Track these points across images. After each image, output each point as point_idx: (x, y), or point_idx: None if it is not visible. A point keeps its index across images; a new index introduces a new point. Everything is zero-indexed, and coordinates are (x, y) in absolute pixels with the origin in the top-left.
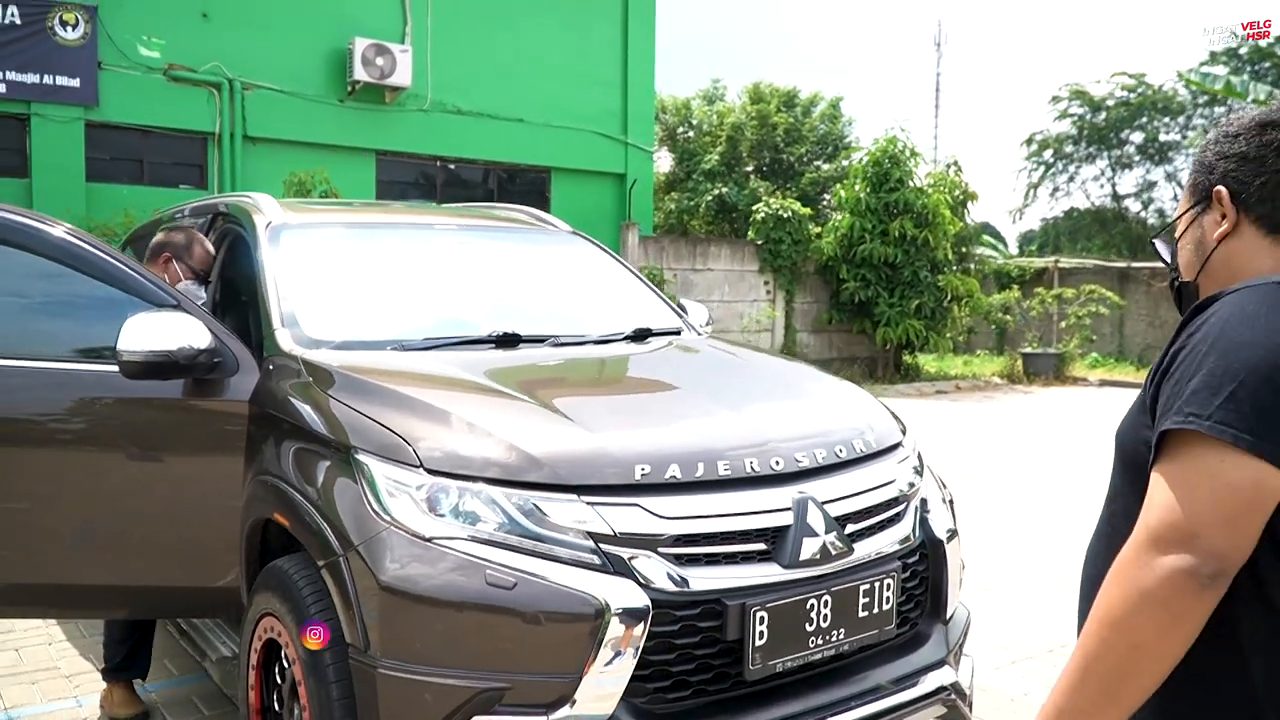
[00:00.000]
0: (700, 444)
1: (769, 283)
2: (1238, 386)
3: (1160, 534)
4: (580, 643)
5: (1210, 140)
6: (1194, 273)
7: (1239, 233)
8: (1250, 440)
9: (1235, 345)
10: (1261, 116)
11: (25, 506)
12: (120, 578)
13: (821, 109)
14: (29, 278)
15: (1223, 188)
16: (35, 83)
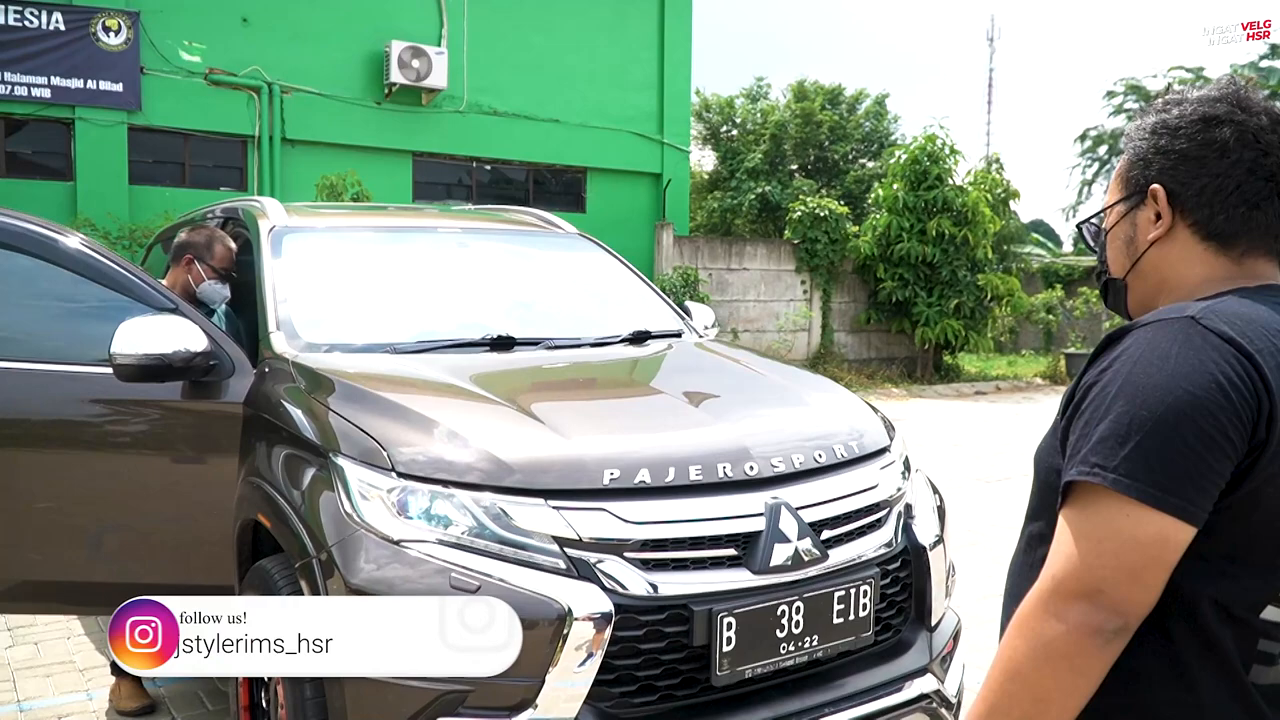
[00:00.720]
0: (673, 449)
1: (805, 282)
2: (1144, 436)
3: (1064, 587)
4: (542, 646)
5: (1148, 129)
6: (1123, 270)
7: (1173, 236)
8: (1155, 495)
9: (1143, 390)
10: (1206, 110)
11: (43, 506)
12: (128, 576)
13: (867, 106)
14: (41, 284)
15: (1159, 187)
16: (79, 88)
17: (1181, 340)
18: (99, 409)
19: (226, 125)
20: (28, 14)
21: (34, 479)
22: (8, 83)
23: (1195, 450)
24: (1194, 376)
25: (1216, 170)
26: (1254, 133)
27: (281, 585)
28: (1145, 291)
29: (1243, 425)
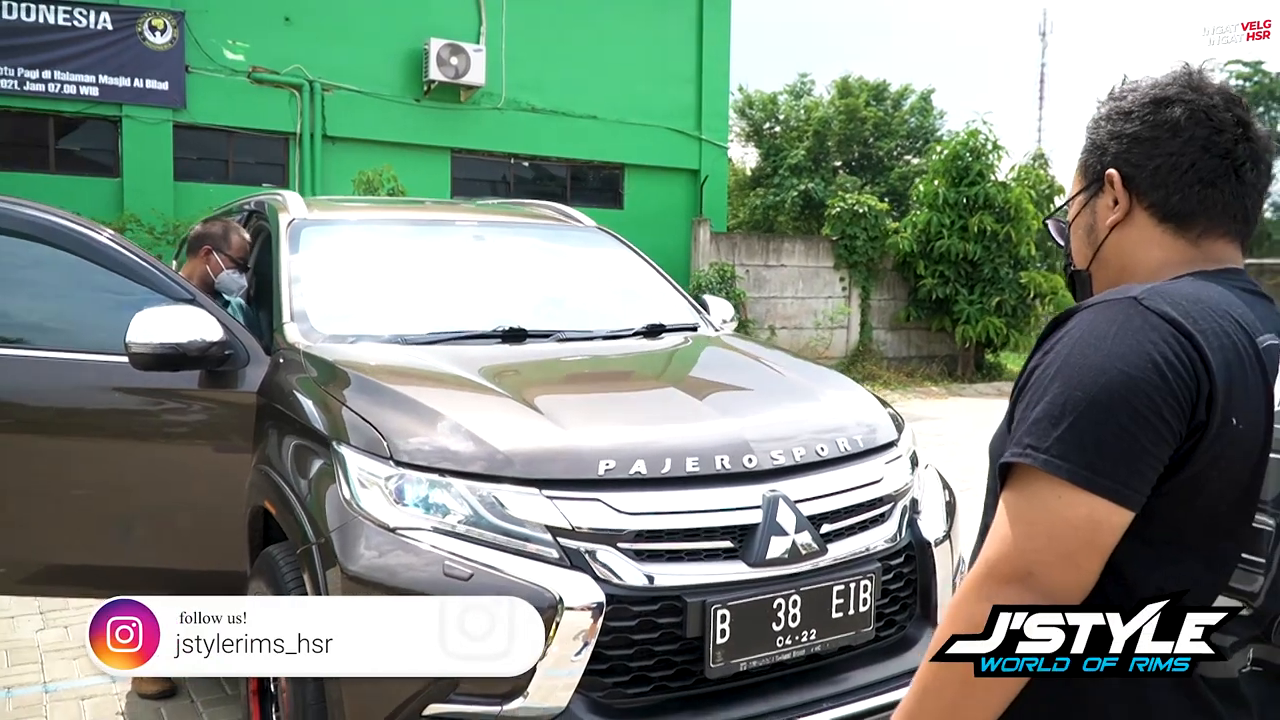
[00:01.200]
0: (670, 440)
1: (844, 279)
2: (1077, 417)
3: (996, 570)
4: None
5: (1102, 116)
6: (1086, 261)
7: (1131, 220)
8: (1086, 476)
9: (1079, 370)
10: (1155, 91)
11: (72, 492)
12: (149, 560)
13: (912, 102)
14: (69, 276)
15: (1114, 171)
16: (126, 86)
17: (1121, 320)
18: (121, 398)
19: (269, 123)
20: (76, 14)
21: (60, 465)
22: (57, 81)
23: (1129, 431)
24: (1130, 356)
25: (1170, 149)
26: (1205, 111)
27: (286, 571)
28: (1108, 279)
29: (1180, 406)
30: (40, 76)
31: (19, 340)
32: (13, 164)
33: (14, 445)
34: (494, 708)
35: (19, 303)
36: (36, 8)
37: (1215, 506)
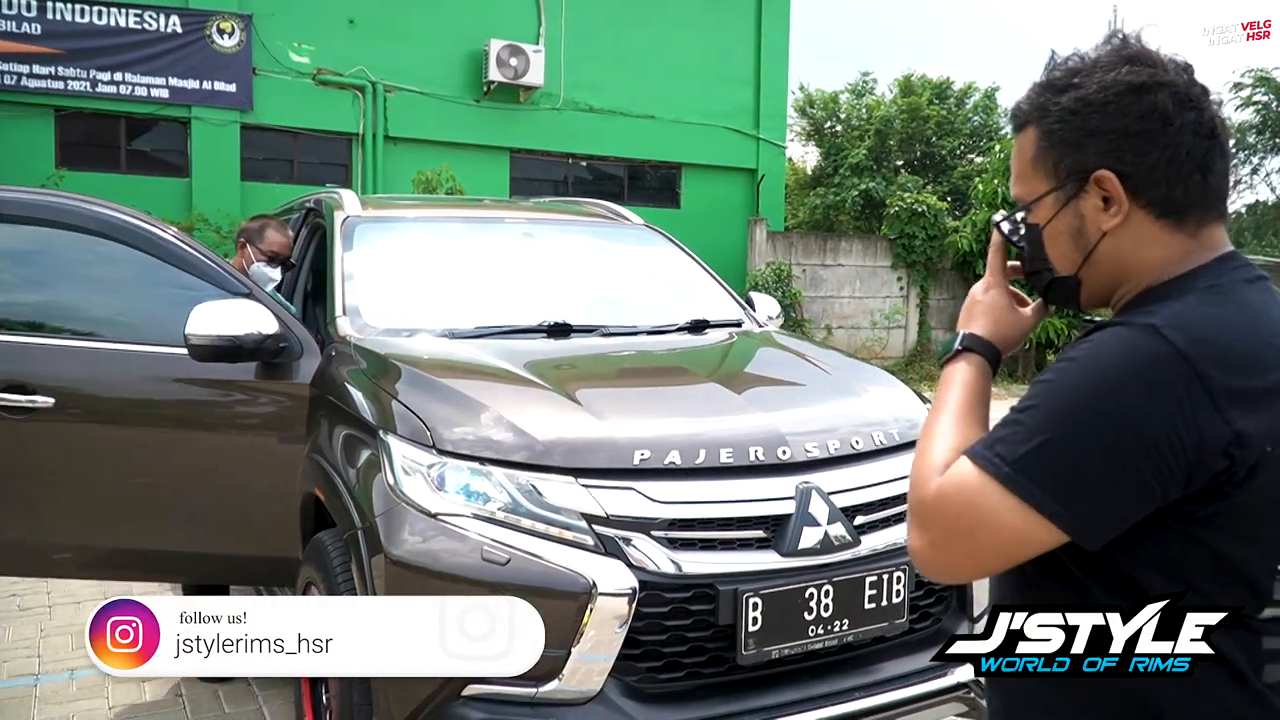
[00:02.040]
0: (705, 431)
1: (902, 279)
2: (1053, 436)
3: (930, 507)
4: (568, 619)
5: (1063, 109)
6: (1075, 266)
7: (1128, 221)
8: (1039, 497)
9: (1081, 401)
10: (1128, 78)
11: (133, 480)
12: (212, 547)
13: (976, 100)
14: (134, 271)
15: (1108, 172)
16: (195, 88)
17: (1134, 349)
18: (182, 388)
19: (332, 123)
20: (147, 18)
21: (125, 452)
22: (129, 83)
23: (1106, 461)
24: (1130, 387)
25: (1164, 141)
26: (1184, 91)
27: (334, 557)
28: (1100, 283)
29: (1175, 449)
30: (112, 79)
31: (89, 333)
32: (86, 164)
33: (82, 434)
34: (530, 689)
35: (90, 297)
36: (109, 11)
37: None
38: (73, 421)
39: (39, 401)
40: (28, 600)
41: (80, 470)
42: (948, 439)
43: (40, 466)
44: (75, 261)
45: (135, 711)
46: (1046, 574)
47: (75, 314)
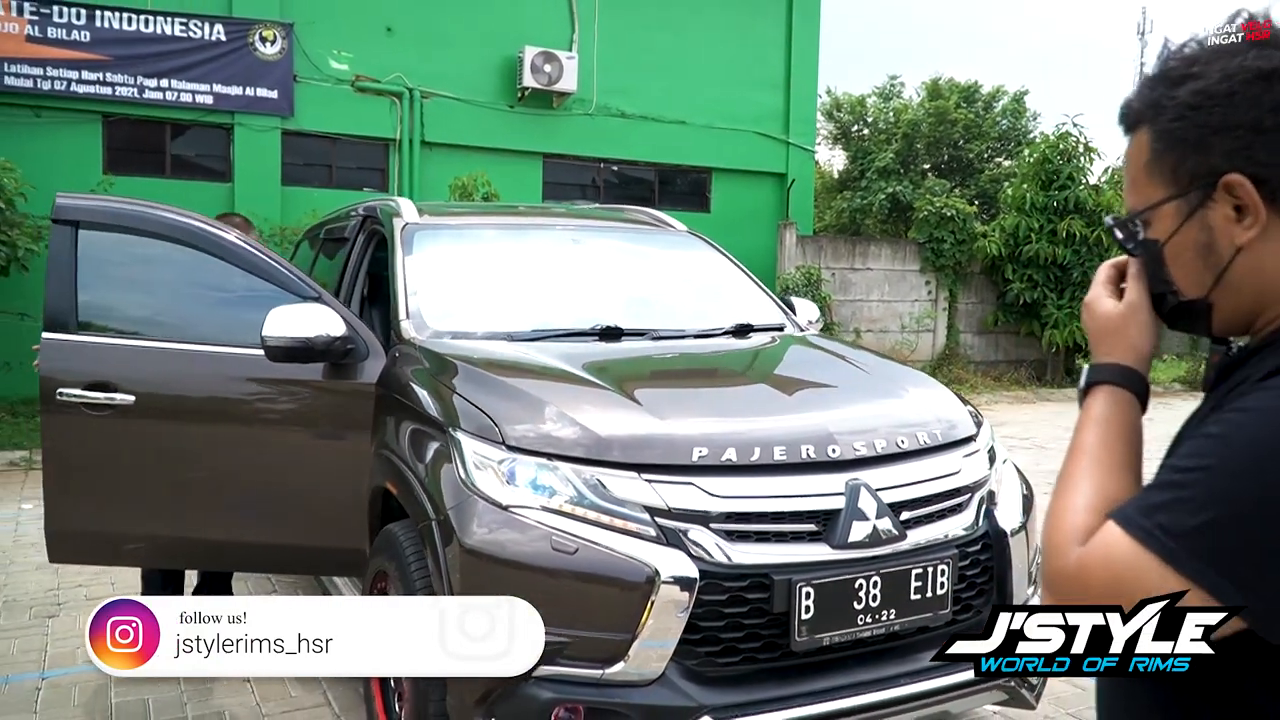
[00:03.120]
0: (759, 430)
1: (931, 283)
2: (1239, 524)
3: (1070, 581)
4: (633, 605)
5: (1182, 104)
6: (1205, 288)
7: (1268, 232)
8: (1214, 582)
9: (1260, 463)
10: (1256, 63)
11: (208, 473)
12: (281, 538)
13: (1004, 104)
14: (210, 276)
15: (1238, 176)
16: (238, 95)
17: None
18: (254, 387)
19: (370, 129)
20: (192, 26)
21: (198, 447)
22: (174, 90)
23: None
24: None
25: None
26: None
27: (407, 546)
28: (1237, 308)
29: None
30: (158, 85)
31: (170, 335)
32: (132, 169)
33: (160, 430)
34: (596, 671)
35: (173, 302)
36: (155, 20)
37: None
38: (152, 418)
39: (118, 400)
40: (94, 590)
41: (157, 464)
42: (1086, 494)
43: (121, 461)
44: (162, 267)
45: (207, 690)
46: (1199, 679)
47: (159, 317)
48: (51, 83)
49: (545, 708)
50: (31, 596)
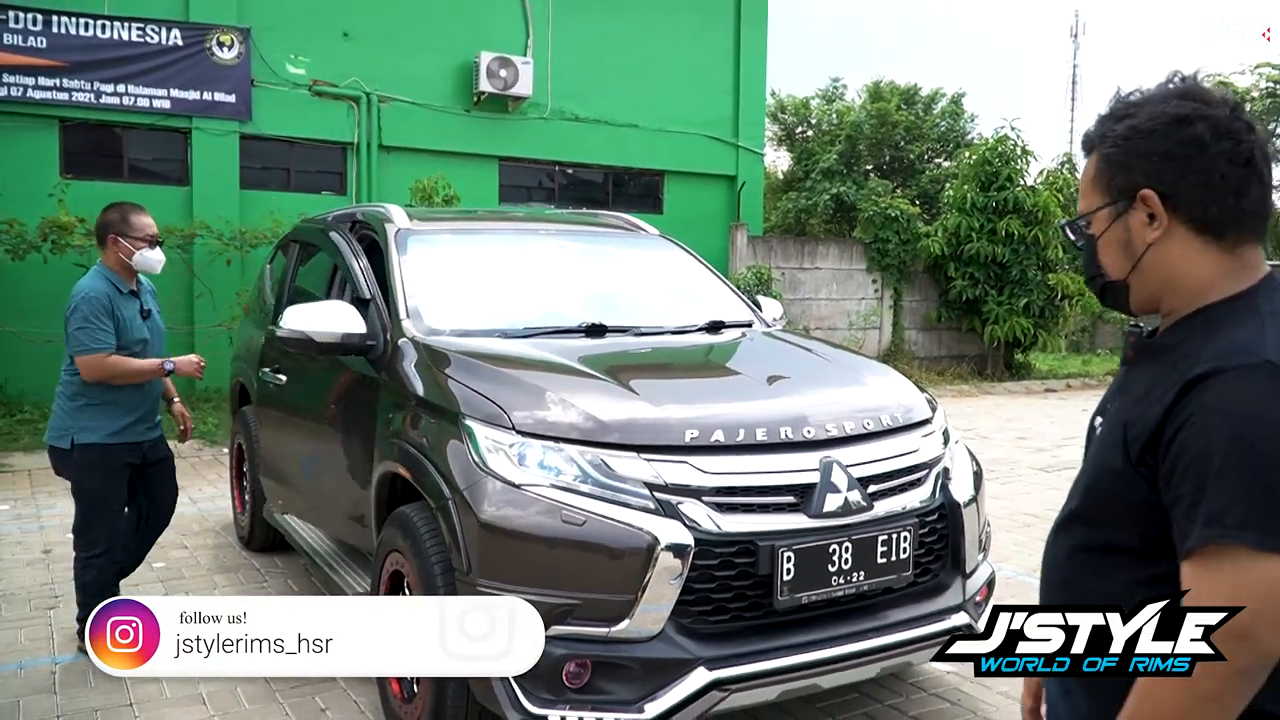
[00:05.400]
0: (742, 415)
1: (877, 281)
2: (1223, 472)
3: (1240, 634)
4: (636, 570)
5: (1118, 135)
6: (1124, 272)
7: (1169, 235)
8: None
9: (1264, 449)
10: (1174, 110)
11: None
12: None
13: (943, 105)
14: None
15: (1151, 191)
16: (196, 99)
17: (1274, 387)
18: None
19: (328, 133)
20: (149, 31)
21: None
22: (131, 95)
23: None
24: None
25: (1200, 166)
26: (1223, 124)
27: (420, 526)
28: (1149, 291)
29: None
30: (115, 90)
31: None
32: (89, 173)
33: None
34: (603, 629)
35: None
36: (111, 25)
37: None
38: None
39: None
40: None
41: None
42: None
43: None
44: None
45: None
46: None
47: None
48: (8, 89)
49: (558, 663)
50: (28, 590)
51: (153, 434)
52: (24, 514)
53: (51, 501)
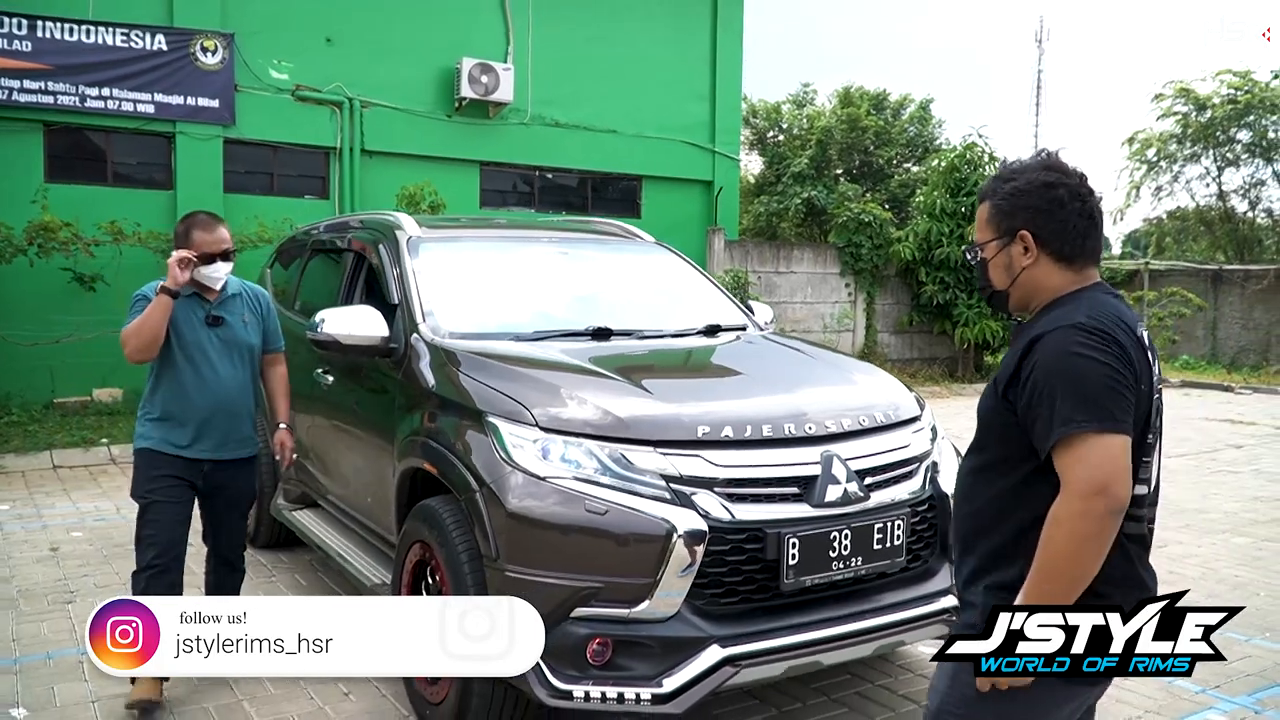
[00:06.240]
0: (749, 412)
1: (850, 285)
2: (1092, 398)
3: (1087, 493)
4: (654, 555)
5: (1007, 191)
6: (1005, 285)
7: (1037, 262)
8: (1113, 424)
9: (1078, 373)
10: (1045, 177)
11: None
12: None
13: (911, 111)
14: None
15: (1027, 232)
16: (180, 104)
17: (1079, 339)
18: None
19: (311, 138)
20: (133, 36)
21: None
22: (116, 99)
23: (1119, 396)
24: (1102, 357)
25: (1061, 218)
26: (1076, 189)
27: (446, 518)
28: (1021, 297)
29: (1131, 379)
30: (100, 95)
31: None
32: (73, 177)
33: None
34: (624, 610)
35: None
36: (96, 30)
37: (1141, 429)
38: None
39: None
40: (100, 579)
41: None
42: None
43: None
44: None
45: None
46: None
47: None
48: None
49: (582, 642)
50: (43, 586)
51: (219, 454)
52: (24, 514)
53: (51, 501)
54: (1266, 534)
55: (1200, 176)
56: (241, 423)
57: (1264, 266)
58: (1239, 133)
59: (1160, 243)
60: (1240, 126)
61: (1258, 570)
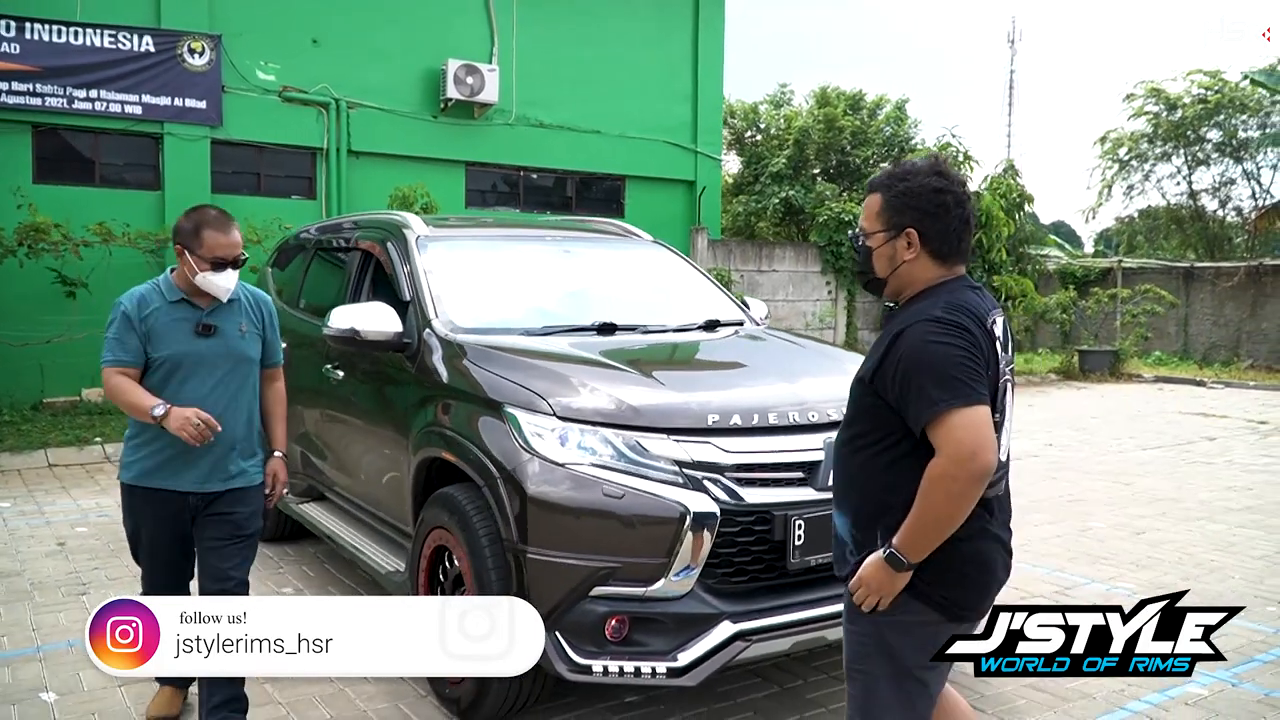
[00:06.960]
0: (755, 401)
1: (830, 283)
2: (951, 378)
3: (960, 458)
4: (669, 536)
5: (900, 190)
6: (885, 273)
7: (918, 257)
8: (974, 398)
9: (938, 358)
10: (935, 183)
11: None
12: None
13: (887, 111)
14: None
15: (913, 230)
16: (167, 105)
17: (938, 330)
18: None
19: (298, 138)
20: (121, 37)
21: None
22: (103, 100)
23: (973, 373)
24: (956, 343)
25: (944, 221)
26: (958, 195)
27: (466, 504)
28: (897, 285)
29: (983, 360)
30: (88, 96)
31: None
32: (62, 178)
33: None
34: (640, 589)
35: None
36: (84, 31)
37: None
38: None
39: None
40: (111, 571)
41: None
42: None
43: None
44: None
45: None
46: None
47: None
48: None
49: (600, 619)
50: (54, 579)
51: (207, 486)
52: (26, 510)
53: (51, 498)
54: (1239, 520)
55: (1171, 175)
56: (233, 450)
57: (1234, 264)
58: (1209, 132)
59: (1132, 241)
60: (1210, 126)
61: (1232, 555)
